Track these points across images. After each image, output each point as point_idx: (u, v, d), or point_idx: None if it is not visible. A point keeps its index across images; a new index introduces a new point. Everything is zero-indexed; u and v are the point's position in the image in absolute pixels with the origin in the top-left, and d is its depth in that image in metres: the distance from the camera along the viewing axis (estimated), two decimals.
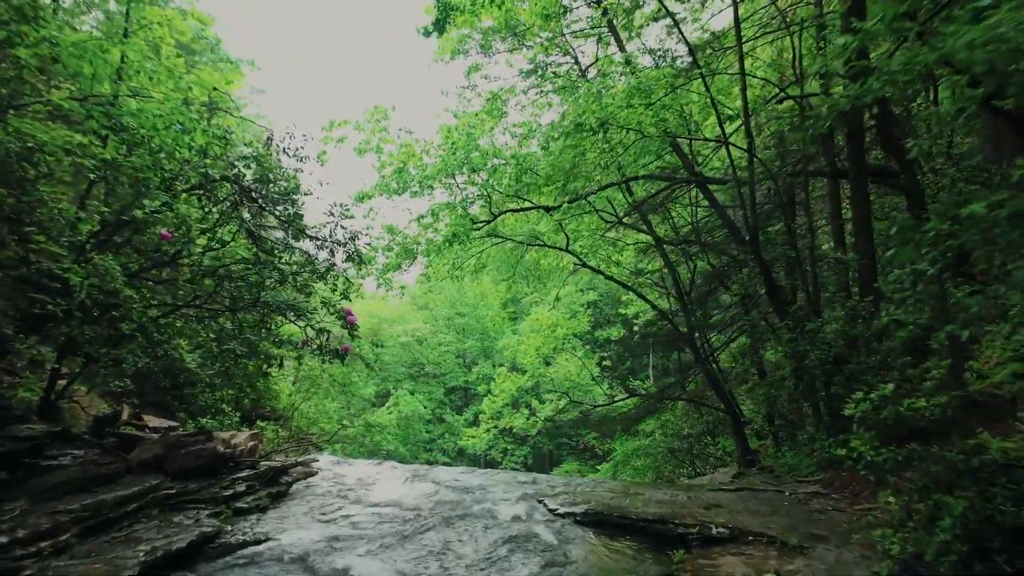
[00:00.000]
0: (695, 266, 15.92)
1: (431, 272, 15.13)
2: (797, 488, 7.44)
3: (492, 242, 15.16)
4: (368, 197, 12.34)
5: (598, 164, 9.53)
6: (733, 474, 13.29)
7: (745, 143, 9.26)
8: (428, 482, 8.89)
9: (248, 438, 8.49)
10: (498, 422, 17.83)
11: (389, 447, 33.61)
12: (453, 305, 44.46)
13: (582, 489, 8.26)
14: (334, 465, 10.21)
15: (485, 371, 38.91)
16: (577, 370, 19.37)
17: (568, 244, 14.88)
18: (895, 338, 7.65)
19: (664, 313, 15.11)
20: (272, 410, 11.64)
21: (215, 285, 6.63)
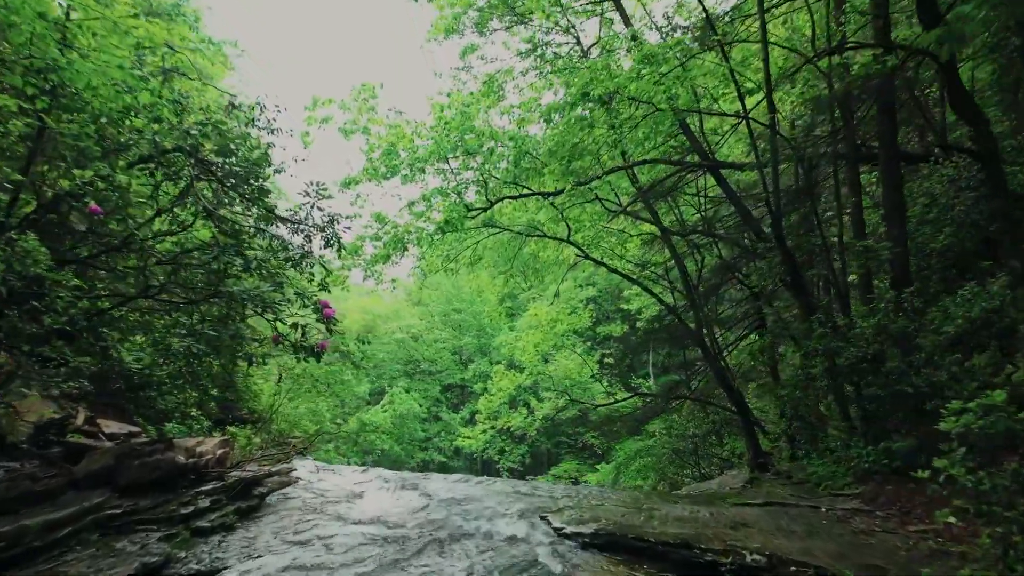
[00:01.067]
0: (703, 258, 15.09)
1: (424, 265, 14.27)
2: (834, 503, 6.60)
3: (488, 232, 14.31)
4: (355, 183, 11.46)
5: (604, 142, 8.68)
6: (746, 479, 12.48)
7: (767, 118, 8.40)
8: (418, 493, 8.03)
9: (217, 445, 7.62)
10: (495, 422, 17.00)
11: (383, 446, 32.77)
12: (449, 301, 43.59)
13: (588, 502, 7.41)
14: (317, 473, 9.35)
15: (482, 368, 38.07)
16: (577, 368, 18.54)
17: (569, 235, 14.03)
18: (940, 333, 6.83)
19: (672, 308, 14.28)
20: (251, 412, 10.79)
21: (170, 273, 5.75)
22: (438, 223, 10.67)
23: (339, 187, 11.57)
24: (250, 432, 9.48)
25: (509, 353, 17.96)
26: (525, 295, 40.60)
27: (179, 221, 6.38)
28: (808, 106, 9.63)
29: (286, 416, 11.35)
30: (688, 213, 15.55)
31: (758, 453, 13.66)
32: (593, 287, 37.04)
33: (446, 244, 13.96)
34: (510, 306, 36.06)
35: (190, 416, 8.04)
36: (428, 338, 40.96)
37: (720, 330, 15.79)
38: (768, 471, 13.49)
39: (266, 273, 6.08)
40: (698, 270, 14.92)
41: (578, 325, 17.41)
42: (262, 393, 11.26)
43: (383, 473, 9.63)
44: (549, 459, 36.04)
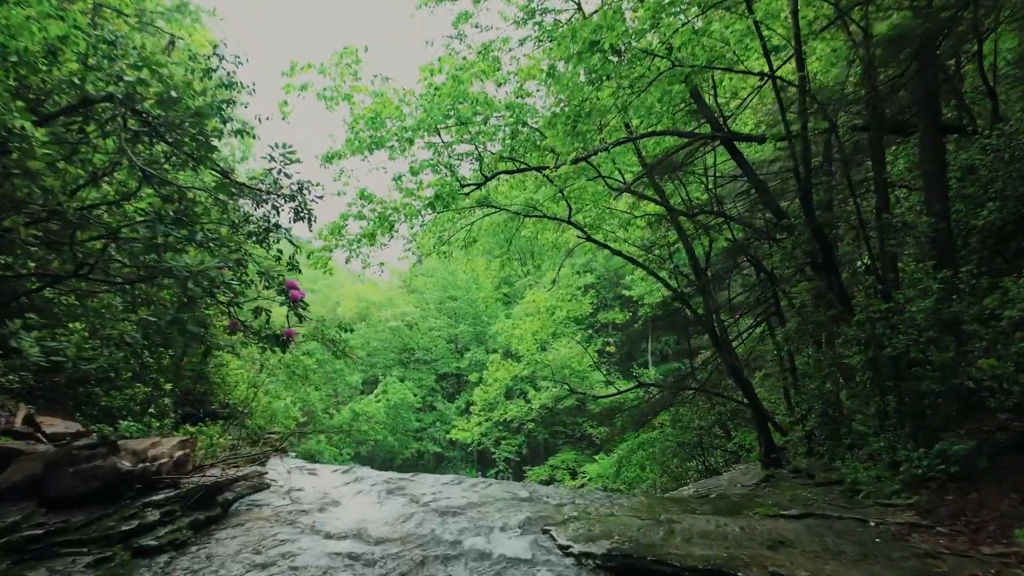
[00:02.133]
0: (711, 241, 14.18)
1: (415, 247, 13.33)
2: (883, 515, 5.73)
3: (483, 213, 13.36)
4: (338, 157, 10.49)
5: (613, 104, 7.75)
6: (760, 476, 11.64)
7: (796, 78, 7.47)
8: (405, 499, 7.15)
9: (176, 446, 6.71)
10: (491, 414, 16.16)
11: (377, 437, 31.98)
12: (444, 288, 42.65)
13: (597, 510, 6.55)
14: (294, 474, 8.46)
15: (478, 357, 37.22)
16: (577, 357, 17.67)
17: (570, 215, 13.09)
18: (1001, 319, 5.94)
19: (679, 294, 13.37)
20: (225, 406, 9.88)
21: (102, 250, 4.81)
22: (428, 199, 9.72)
23: (321, 162, 10.62)
24: (221, 429, 8.58)
25: (506, 341, 17.08)
26: (521, 282, 39.71)
27: (119, 187, 5.45)
28: (843, 66, 8.68)
29: (265, 410, 10.41)
30: (695, 193, 14.62)
31: (770, 448, 12.83)
32: (591, 274, 36.16)
33: (438, 226, 13.03)
34: (507, 292, 35.16)
35: (149, 413, 7.12)
36: (423, 326, 40.06)
37: (726, 318, 14.93)
38: (782, 467, 12.67)
39: (225, 250, 5.13)
40: (707, 253, 14.03)
41: (578, 312, 16.52)
42: (239, 385, 10.35)
43: (367, 474, 8.75)
44: (546, 449, 35.31)
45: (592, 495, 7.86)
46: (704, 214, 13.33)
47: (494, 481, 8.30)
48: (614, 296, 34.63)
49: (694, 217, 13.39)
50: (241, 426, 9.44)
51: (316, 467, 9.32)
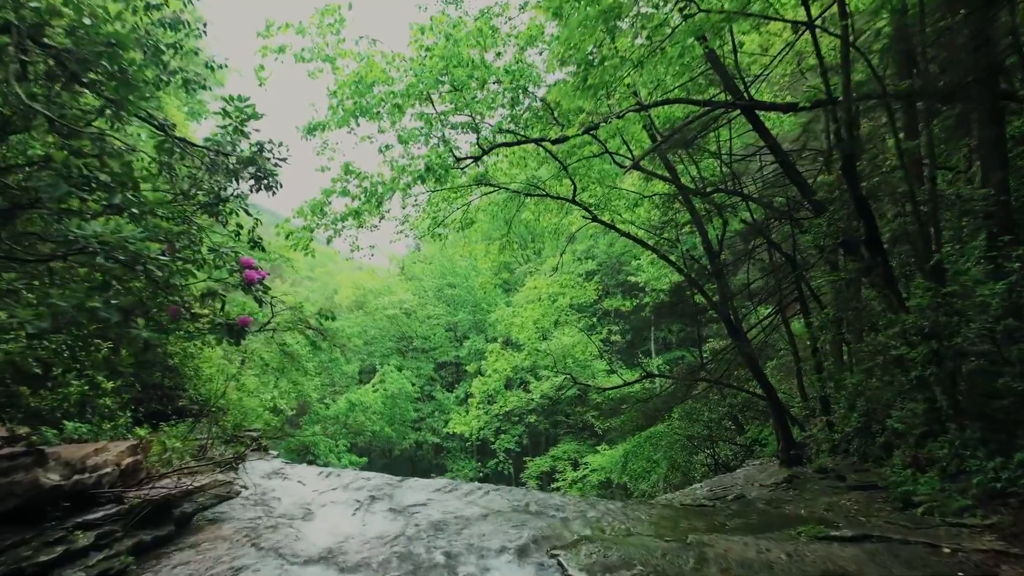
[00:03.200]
0: (725, 222, 13.24)
1: (408, 228, 12.38)
2: (957, 538, 4.83)
3: (481, 192, 12.41)
4: (321, 128, 9.51)
5: (628, 60, 6.78)
6: (783, 476, 10.77)
7: (838, 27, 6.50)
8: (390, 511, 6.26)
9: (124, 452, 5.82)
10: (490, 406, 15.29)
11: (374, 428, 31.20)
12: (443, 275, 41.71)
13: (612, 527, 5.66)
14: (271, 479, 7.58)
15: (477, 346, 36.36)
16: (580, 345, 16.76)
17: (575, 194, 12.14)
18: None
19: (692, 279, 12.44)
20: (198, 402, 8.97)
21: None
22: (417, 172, 8.75)
23: (302, 134, 9.65)
24: (189, 428, 7.68)
25: (505, 330, 16.18)
26: (521, 269, 38.74)
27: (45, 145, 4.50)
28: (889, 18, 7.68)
29: (237, 406, 9.45)
30: (708, 172, 13.65)
31: (789, 444, 11.98)
32: (592, 260, 35.25)
33: (432, 205, 12.08)
34: (506, 279, 34.25)
35: (92, 413, 6.22)
36: (421, 314, 39.16)
37: (742, 305, 14.03)
38: (802, 465, 11.81)
39: (160, 219, 4.21)
40: (720, 236, 13.09)
41: (582, 299, 15.61)
42: (215, 378, 9.42)
43: (352, 478, 7.85)
44: (547, 440, 34.57)
45: (604, 505, 6.96)
46: (719, 193, 12.37)
47: (492, 488, 7.41)
48: (616, 283, 33.71)
49: (708, 196, 12.45)
50: (215, 424, 8.55)
51: (298, 469, 8.43)
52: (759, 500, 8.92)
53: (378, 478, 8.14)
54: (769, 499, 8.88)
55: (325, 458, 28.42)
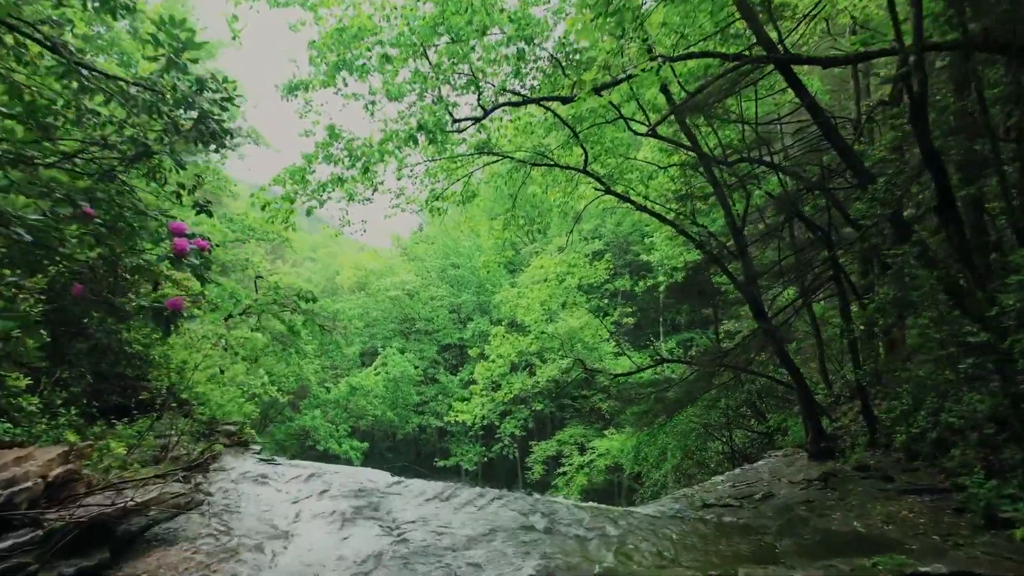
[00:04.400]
0: (748, 195, 12.17)
1: (404, 201, 11.35)
2: None
3: (484, 162, 11.36)
4: (303, 88, 8.46)
5: None
6: (817, 472, 9.79)
7: None
8: (376, 527, 5.32)
9: (55, 461, 4.88)
10: (494, 393, 14.36)
11: (376, 412, 30.40)
12: (446, 255, 40.72)
13: (639, 549, 4.71)
14: (242, 483, 6.64)
15: (481, 328, 35.45)
16: (587, 328, 15.78)
17: (586, 163, 11.08)
18: None
19: (716, 257, 11.40)
20: (168, 394, 7.99)
21: None
22: (409, 130, 7.68)
23: (282, 93, 8.60)
24: (147, 425, 6.73)
25: (511, 312, 15.20)
26: (527, 249, 37.66)
27: None
28: None
29: (204, 398, 8.40)
30: (730, 140, 12.54)
31: (819, 436, 11.00)
32: (599, 240, 34.22)
33: (430, 176, 11.04)
34: (511, 258, 33.26)
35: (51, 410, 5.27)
36: (424, 295, 38.21)
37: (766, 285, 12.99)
38: (835, 459, 10.85)
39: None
40: (743, 210, 12.02)
41: (592, 279, 14.60)
42: (188, 366, 8.42)
43: (335, 482, 6.90)
44: (553, 423, 33.79)
45: (625, 520, 6.00)
46: (744, 162, 11.28)
47: (495, 495, 6.48)
48: (623, 264, 32.69)
49: (732, 166, 11.37)
50: (187, 418, 7.62)
51: (279, 469, 7.49)
52: (794, 503, 7.98)
53: (368, 478, 7.21)
54: (806, 502, 7.93)
55: (326, 444, 27.69)
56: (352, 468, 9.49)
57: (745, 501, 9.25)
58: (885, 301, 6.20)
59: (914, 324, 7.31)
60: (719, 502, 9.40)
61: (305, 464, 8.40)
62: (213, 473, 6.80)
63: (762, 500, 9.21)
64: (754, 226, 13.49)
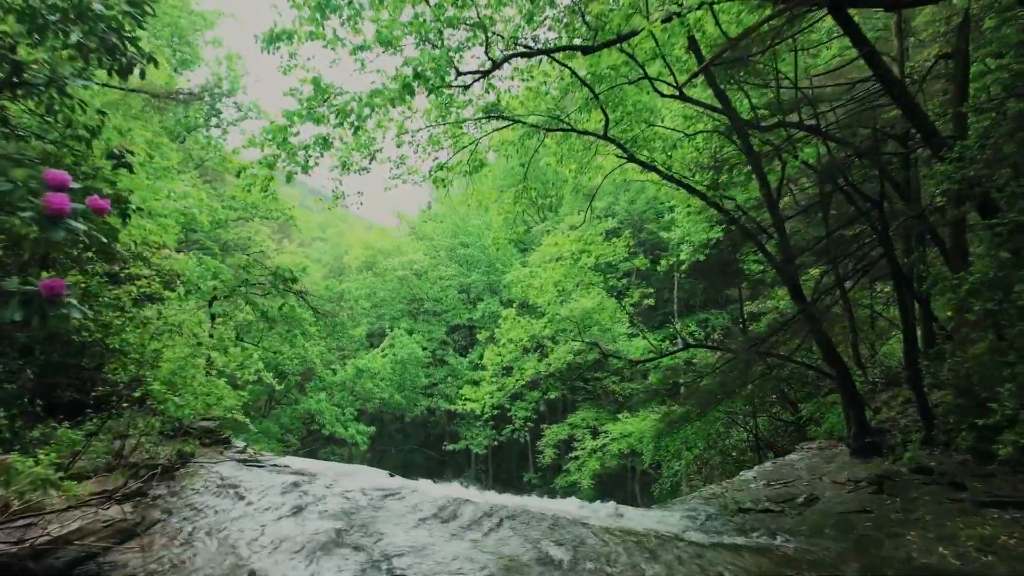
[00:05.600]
0: (784, 164, 11.00)
1: (405, 172, 10.30)
2: None
3: (493, 127, 10.26)
4: (287, 38, 7.37)
5: None
6: (869, 475, 8.74)
7: None
8: (361, 556, 4.35)
9: None
10: (504, 380, 13.40)
11: (383, 395, 29.58)
12: (455, 234, 39.66)
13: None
14: (207, 494, 5.69)
15: (491, 308, 34.49)
16: (609, 311, 14.72)
17: (606, 128, 9.96)
18: None
19: (750, 232, 10.28)
20: (132, 386, 6.99)
21: None
22: (404, 79, 6.57)
23: (261, 45, 7.52)
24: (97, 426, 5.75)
25: (522, 293, 14.15)
26: (538, 228, 36.48)
27: None
28: None
29: (162, 394, 7.34)
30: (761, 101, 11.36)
31: (864, 429, 9.96)
32: (613, 218, 33.02)
33: (434, 143, 9.98)
34: (522, 230, 32.23)
35: None
36: (432, 275, 37.22)
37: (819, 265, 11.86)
38: (882, 456, 9.81)
39: None
40: (779, 181, 10.87)
41: (610, 257, 13.52)
42: (162, 354, 7.39)
43: (320, 493, 5.93)
44: (564, 406, 32.93)
45: (668, 549, 4.98)
46: (783, 127, 10.11)
47: (506, 515, 5.51)
48: (637, 242, 31.51)
49: (769, 131, 10.21)
50: (153, 416, 6.67)
51: (255, 475, 6.54)
52: (848, 511, 6.98)
53: (359, 487, 6.25)
54: (861, 511, 6.92)
55: (332, 427, 26.97)
56: (344, 467, 8.58)
57: (787, 506, 8.26)
58: (978, 282, 5.14)
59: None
60: (756, 506, 8.42)
61: (292, 463, 7.47)
62: (184, 477, 5.87)
63: (805, 505, 8.21)
64: (788, 200, 12.34)
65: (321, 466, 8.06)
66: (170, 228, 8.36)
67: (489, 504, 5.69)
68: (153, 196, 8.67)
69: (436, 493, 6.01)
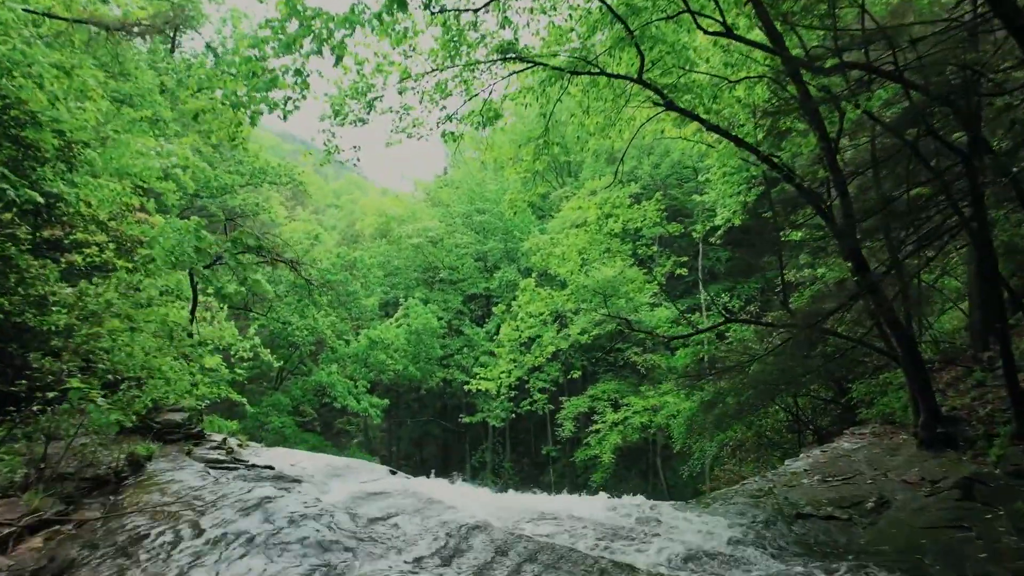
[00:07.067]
0: (842, 115, 9.52)
1: (411, 126, 9.04)
2: None
3: (508, 71, 8.91)
4: None
5: None
6: (955, 479, 7.50)
7: None
8: None
9: None
10: (523, 358, 12.25)
11: (397, 367, 28.70)
12: (472, 201, 38.35)
13: None
14: (145, 520, 4.59)
15: (508, 277, 33.31)
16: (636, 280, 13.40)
17: (642, 70, 8.57)
18: None
19: (809, 192, 8.90)
20: (61, 376, 5.84)
21: None
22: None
23: None
24: (5, 431, 4.64)
25: (542, 263, 12.89)
26: (557, 193, 34.99)
27: None
28: None
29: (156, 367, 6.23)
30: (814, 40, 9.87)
31: (935, 418, 8.68)
32: (636, 183, 31.45)
33: (441, 91, 8.69)
34: (542, 190, 30.84)
35: None
36: (448, 243, 36.04)
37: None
38: (956, 450, 8.56)
39: None
40: (837, 135, 9.42)
41: (638, 223, 12.18)
42: (117, 338, 6.27)
43: (292, 511, 4.81)
44: (585, 378, 31.87)
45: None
46: (850, 68, 8.61)
47: (526, 550, 4.33)
48: (663, 209, 29.96)
49: (831, 74, 8.75)
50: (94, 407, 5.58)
51: (221, 485, 5.44)
52: (937, 526, 5.78)
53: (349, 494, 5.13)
54: (956, 524, 5.72)
55: (344, 400, 26.21)
56: (338, 464, 7.47)
57: (854, 513, 7.07)
58: None
59: None
60: (817, 511, 7.24)
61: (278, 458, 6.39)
62: (132, 491, 4.80)
63: (876, 511, 7.02)
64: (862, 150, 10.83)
65: (310, 463, 7.00)
66: (171, 191, 7.21)
67: (505, 534, 4.53)
68: (122, 152, 7.53)
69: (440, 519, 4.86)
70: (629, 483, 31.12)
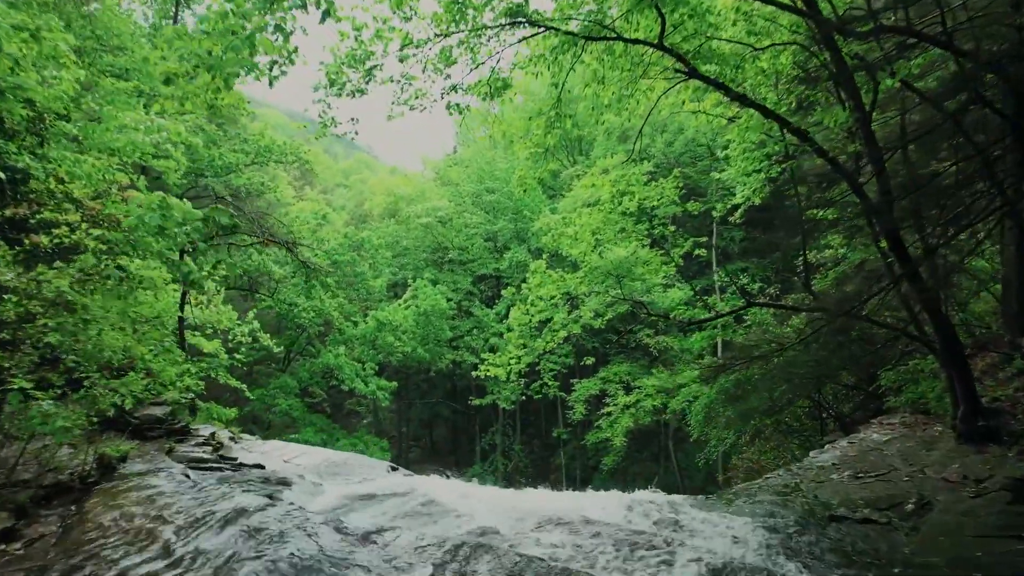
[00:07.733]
0: (876, 85, 8.79)
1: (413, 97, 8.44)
2: None
3: (519, 37, 8.27)
4: None
5: None
6: (1003, 480, 6.97)
7: None
8: None
9: None
10: (533, 343, 11.72)
11: (405, 349, 28.29)
12: (481, 180, 37.59)
13: None
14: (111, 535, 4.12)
15: (518, 257, 32.69)
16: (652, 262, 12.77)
17: (663, 35, 7.90)
18: None
19: (842, 167, 8.23)
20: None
21: None
22: None
23: None
24: None
25: (553, 243, 12.31)
26: (568, 172, 34.21)
27: None
28: None
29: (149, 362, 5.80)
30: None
31: (975, 409, 8.09)
32: (648, 161, 30.64)
33: (445, 58, 8.07)
34: (554, 167, 30.02)
35: None
36: (458, 223, 35.40)
37: None
38: (1000, 444, 7.98)
39: None
40: (871, 105, 8.70)
41: (655, 201, 11.54)
42: (93, 321, 5.80)
43: (286, 522, 4.33)
44: (596, 360, 31.37)
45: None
46: (883, 33, 7.89)
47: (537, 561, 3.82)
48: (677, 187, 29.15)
49: (868, 39, 8.04)
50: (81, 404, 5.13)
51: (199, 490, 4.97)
52: (990, 535, 5.23)
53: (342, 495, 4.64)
54: (1013, 534, 5.16)
55: (351, 383, 25.84)
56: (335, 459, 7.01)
57: (892, 515, 6.53)
58: None
59: None
60: (852, 513, 6.69)
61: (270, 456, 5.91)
62: (98, 499, 4.32)
63: (916, 513, 6.47)
64: None
65: (306, 460, 6.54)
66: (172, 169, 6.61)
67: (514, 556, 4.02)
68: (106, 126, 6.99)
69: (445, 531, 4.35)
70: (640, 466, 30.72)
